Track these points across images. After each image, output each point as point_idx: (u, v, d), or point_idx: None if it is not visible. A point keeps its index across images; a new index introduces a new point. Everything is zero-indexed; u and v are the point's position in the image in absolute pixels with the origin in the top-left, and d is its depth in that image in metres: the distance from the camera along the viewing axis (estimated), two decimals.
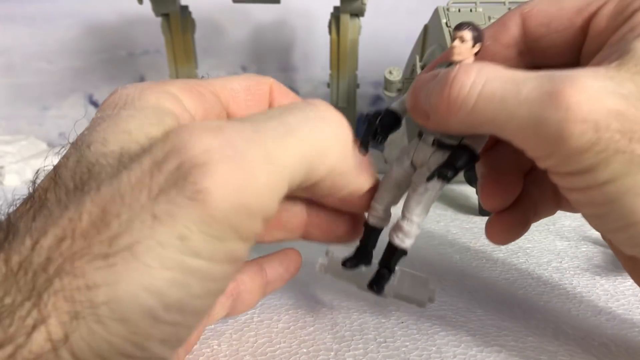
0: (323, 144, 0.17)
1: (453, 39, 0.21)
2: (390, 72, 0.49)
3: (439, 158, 0.22)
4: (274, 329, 0.26)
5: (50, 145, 0.72)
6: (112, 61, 0.73)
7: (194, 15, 0.58)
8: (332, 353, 0.24)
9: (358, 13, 0.55)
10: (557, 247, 0.37)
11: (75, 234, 0.14)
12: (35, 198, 0.16)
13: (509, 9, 0.42)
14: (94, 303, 0.13)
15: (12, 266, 0.13)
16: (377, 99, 0.75)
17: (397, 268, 0.25)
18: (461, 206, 0.47)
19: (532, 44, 0.23)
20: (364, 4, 0.53)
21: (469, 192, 0.50)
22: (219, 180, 0.13)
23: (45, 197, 0.16)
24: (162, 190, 0.13)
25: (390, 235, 0.24)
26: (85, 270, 0.13)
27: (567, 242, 0.38)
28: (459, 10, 0.42)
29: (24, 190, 0.18)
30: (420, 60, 0.46)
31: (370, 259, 0.25)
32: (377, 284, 0.24)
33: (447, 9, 0.43)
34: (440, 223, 0.43)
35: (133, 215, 0.13)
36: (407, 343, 0.25)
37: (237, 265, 0.15)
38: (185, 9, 0.57)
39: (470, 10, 0.42)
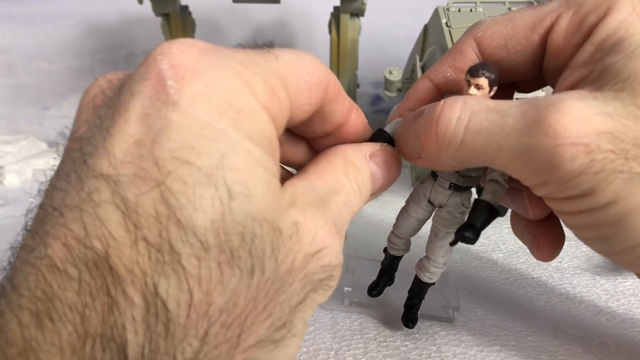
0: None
1: (468, 85, 0.20)
2: (390, 72, 0.49)
3: (457, 200, 0.23)
4: None
5: (50, 145, 0.72)
6: (112, 61, 0.73)
7: (194, 15, 0.58)
8: (332, 353, 0.24)
9: (358, 13, 0.55)
10: None
11: (245, 325, 0.14)
12: (146, 233, 0.13)
13: (509, 9, 0.42)
14: None
15: None
16: (377, 99, 0.75)
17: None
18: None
19: None
20: (364, 4, 0.53)
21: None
22: (338, 280, 0.17)
23: (172, 248, 0.13)
24: (313, 287, 0.16)
25: (417, 272, 0.25)
26: (257, 357, 0.14)
27: (567, 242, 0.37)
28: (459, 10, 0.42)
29: (24, 190, 0.17)
30: (420, 60, 0.46)
31: (393, 280, 0.27)
32: (411, 321, 0.25)
33: (447, 9, 0.43)
34: None
35: (292, 304, 0.15)
36: (407, 343, 0.25)
37: None
38: (185, 9, 0.57)
39: (470, 10, 0.42)
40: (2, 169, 0.58)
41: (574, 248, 0.37)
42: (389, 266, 0.26)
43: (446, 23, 0.42)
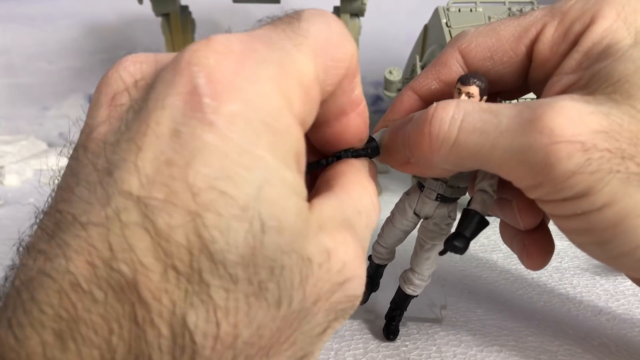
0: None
1: (459, 93, 0.20)
2: (390, 72, 0.49)
3: (444, 212, 0.22)
4: None
5: (50, 145, 0.72)
6: (112, 61, 0.72)
7: (194, 15, 0.58)
8: (332, 353, 0.24)
9: (358, 13, 0.55)
10: (557, 247, 0.37)
11: (269, 356, 0.14)
12: (175, 262, 0.12)
13: (509, 9, 0.42)
14: None
15: None
16: (377, 99, 0.75)
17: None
18: (461, 207, 0.47)
19: None
20: (364, 4, 0.53)
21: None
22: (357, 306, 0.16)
23: (202, 279, 0.12)
24: (336, 317, 0.16)
25: (401, 284, 0.25)
26: None
27: (567, 242, 0.38)
28: (459, 10, 0.42)
29: (24, 190, 0.17)
30: (421, 60, 0.46)
31: (378, 286, 0.27)
32: (392, 333, 0.25)
33: (447, 9, 0.43)
34: None
35: (315, 333, 0.15)
36: (407, 343, 0.25)
37: None
38: (185, 9, 0.57)
39: (470, 10, 0.42)
40: (2, 169, 0.58)
41: (574, 248, 0.37)
42: (374, 274, 0.26)
43: (446, 23, 0.42)
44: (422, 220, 0.24)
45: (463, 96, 0.20)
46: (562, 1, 0.21)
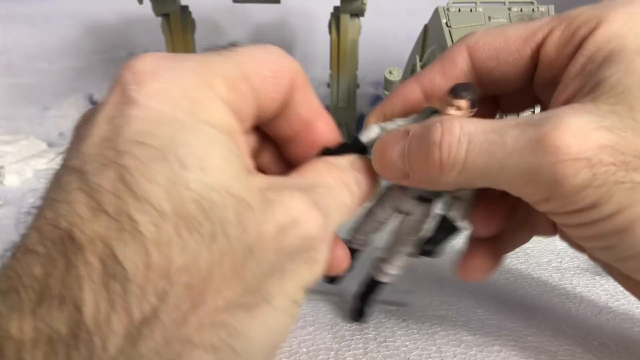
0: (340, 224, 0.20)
1: (448, 105, 0.20)
2: (390, 72, 0.49)
3: (424, 210, 0.23)
4: None
5: (51, 145, 0.72)
6: (112, 61, 0.73)
7: (194, 15, 0.58)
8: (332, 353, 0.24)
9: (358, 13, 0.55)
10: (557, 247, 0.37)
11: (209, 287, 0.14)
12: (106, 207, 0.14)
13: (509, 9, 0.42)
14: (237, 350, 0.15)
15: (135, 320, 0.13)
16: (377, 99, 0.75)
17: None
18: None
19: (482, 76, 0.23)
20: (364, 4, 0.53)
21: None
22: (325, 255, 0.18)
23: (130, 217, 0.14)
24: (290, 256, 0.16)
25: (372, 273, 0.25)
26: (227, 321, 0.15)
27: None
28: (459, 10, 0.42)
29: (24, 190, 0.17)
30: (420, 60, 0.47)
31: (353, 268, 0.26)
32: (362, 316, 0.26)
33: (447, 9, 0.43)
34: None
35: (266, 271, 0.16)
36: (407, 343, 0.25)
37: None
38: (185, 9, 0.57)
39: (470, 10, 0.42)
40: (2, 169, 0.58)
41: None
42: (351, 258, 0.25)
43: (446, 23, 0.42)
44: (403, 215, 0.24)
45: (452, 109, 0.20)
46: (572, 9, 0.21)
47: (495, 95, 0.25)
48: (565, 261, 0.35)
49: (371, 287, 0.26)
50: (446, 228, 0.21)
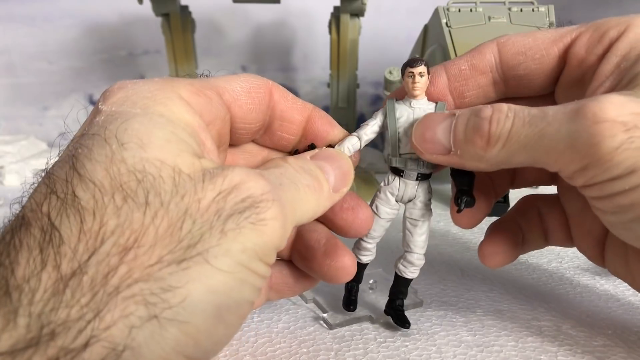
0: (310, 209, 0.21)
1: (411, 76, 0.23)
2: (390, 72, 0.49)
3: (424, 187, 0.25)
4: (274, 329, 0.26)
5: (50, 145, 0.72)
6: (112, 61, 0.73)
7: (194, 15, 0.58)
8: (332, 353, 0.24)
9: (358, 13, 0.55)
10: (557, 248, 0.37)
11: (140, 244, 0.15)
12: (57, 190, 0.16)
13: (509, 9, 0.42)
14: (170, 304, 0.15)
15: (63, 274, 0.14)
16: (377, 98, 0.75)
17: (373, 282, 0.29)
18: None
19: (507, 72, 0.24)
20: (364, 4, 0.53)
21: None
22: (273, 215, 0.17)
23: (74, 194, 0.16)
24: (229, 215, 0.16)
25: (401, 270, 0.26)
26: (160, 275, 0.15)
27: None
28: (459, 10, 0.42)
29: (22, 190, 0.18)
30: None
31: (361, 280, 0.27)
32: (406, 320, 0.26)
33: (447, 9, 0.43)
34: (440, 223, 0.43)
35: (203, 230, 0.16)
36: (407, 343, 0.25)
37: (269, 273, 0.18)
38: (185, 9, 0.57)
39: (470, 10, 0.42)
40: (2, 169, 0.58)
41: (574, 248, 0.37)
42: (358, 275, 0.26)
43: (446, 23, 0.42)
44: (406, 204, 0.25)
45: (417, 77, 0.23)
46: (598, 19, 0.23)
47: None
48: (565, 261, 0.35)
49: (404, 287, 0.26)
50: (464, 176, 0.23)
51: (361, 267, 0.26)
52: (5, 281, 0.14)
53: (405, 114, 0.24)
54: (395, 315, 0.26)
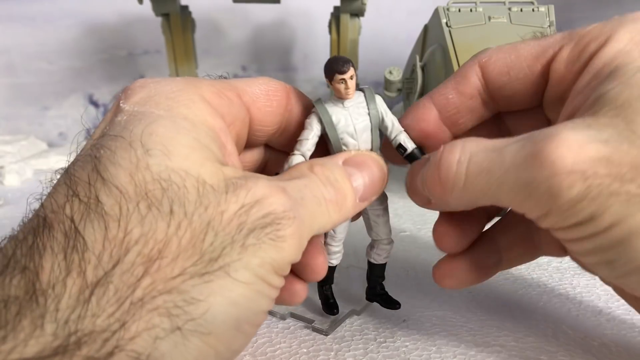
0: (329, 222, 0.20)
1: (342, 82, 0.22)
2: (390, 72, 0.49)
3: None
4: (274, 329, 0.26)
5: (50, 145, 0.72)
6: (112, 61, 0.73)
7: (194, 15, 0.58)
8: (332, 353, 0.24)
9: (358, 13, 0.55)
10: None
11: (164, 255, 0.15)
12: (79, 193, 0.16)
13: (509, 9, 0.42)
14: (192, 316, 0.15)
15: (89, 282, 0.14)
16: None
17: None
18: None
19: (494, 93, 0.23)
20: (364, 4, 0.53)
21: None
22: (292, 233, 0.18)
23: (97, 199, 0.16)
24: (251, 230, 0.17)
25: (376, 259, 0.26)
26: (183, 288, 0.15)
27: None
28: (459, 10, 0.42)
29: (24, 190, 0.18)
30: (420, 60, 0.46)
31: (332, 280, 0.27)
32: (392, 302, 0.26)
33: (447, 9, 0.43)
34: None
35: (225, 244, 0.16)
36: (407, 343, 0.25)
37: (282, 284, 0.19)
38: (185, 9, 0.57)
39: (470, 10, 0.42)
40: (2, 169, 0.58)
41: None
42: (329, 278, 0.26)
43: (446, 23, 0.42)
44: None
45: (349, 82, 0.22)
46: (583, 27, 0.21)
47: (506, 118, 0.25)
48: (565, 261, 0.35)
49: (381, 271, 0.27)
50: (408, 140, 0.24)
51: (332, 269, 0.26)
52: (32, 284, 0.14)
53: (342, 117, 0.23)
54: (382, 300, 0.26)
